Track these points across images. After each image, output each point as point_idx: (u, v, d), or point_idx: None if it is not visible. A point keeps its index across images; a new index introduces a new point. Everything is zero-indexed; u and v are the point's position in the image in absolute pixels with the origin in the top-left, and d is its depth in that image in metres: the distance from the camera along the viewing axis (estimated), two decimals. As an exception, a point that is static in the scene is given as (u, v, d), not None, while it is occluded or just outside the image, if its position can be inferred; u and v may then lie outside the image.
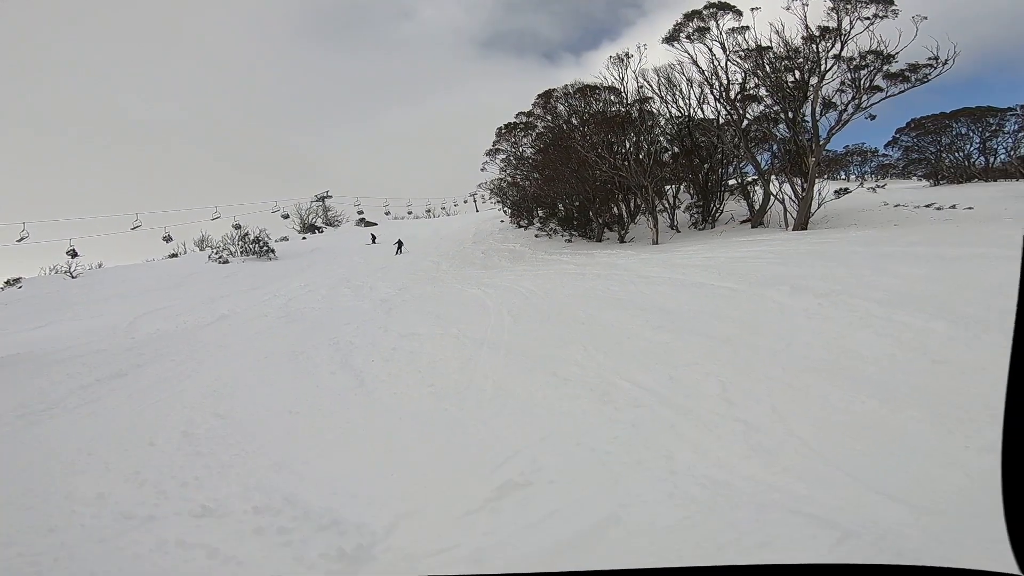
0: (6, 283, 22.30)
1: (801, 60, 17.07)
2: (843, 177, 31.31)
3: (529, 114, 23.69)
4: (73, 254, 24.74)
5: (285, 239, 31.97)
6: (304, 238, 33.65)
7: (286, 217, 32.65)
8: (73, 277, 22.83)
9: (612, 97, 20.81)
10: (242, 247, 25.99)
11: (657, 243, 18.18)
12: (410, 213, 45.97)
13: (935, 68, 15.88)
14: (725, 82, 18.81)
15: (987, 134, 27.85)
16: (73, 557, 3.64)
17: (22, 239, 24.92)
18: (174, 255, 30.56)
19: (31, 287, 21.21)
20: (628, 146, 19.93)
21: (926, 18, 15.49)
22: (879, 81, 16.43)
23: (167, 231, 30.36)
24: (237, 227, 28.98)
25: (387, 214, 43.58)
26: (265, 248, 25.41)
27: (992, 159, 28.06)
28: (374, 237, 30.22)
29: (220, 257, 24.81)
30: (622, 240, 20.25)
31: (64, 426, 6.32)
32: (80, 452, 5.47)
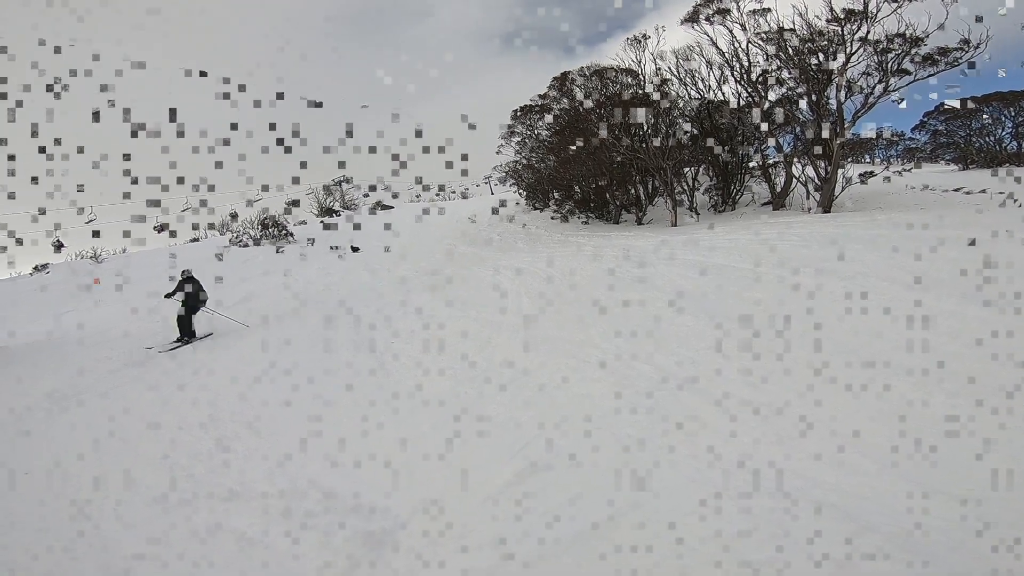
0: (35, 268, 22.84)
1: (825, 43, 16.56)
2: (868, 160, 30.59)
3: (544, 96, 23.36)
4: (160, 229, 25.96)
5: (303, 223, 32.22)
6: (322, 222, 33.87)
7: (260, 208, 33.21)
8: (99, 263, 23.28)
9: (629, 79, 20.45)
10: (261, 231, 26.24)
11: (676, 225, 17.95)
12: (439, 194, 45.48)
13: (966, 52, 15.33)
14: (746, 64, 18.36)
15: (1020, 119, 27.00)
16: (105, 543, 3.75)
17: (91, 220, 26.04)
18: (195, 240, 31.00)
19: (58, 273, 21.68)
20: (646, 127, 19.61)
21: (956, 0, 14.87)
22: (907, 64, 15.92)
23: (233, 208, 31.37)
24: (293, 203, 30.59)
25: (417, 197, 43.16)
26: (284, 232, 25.64)
27: (1025, 143, 27.19)
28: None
29: (240, 241, 25.08)
30: (640, 222, 20.02)
31: (94, 411, 6.48)
32: (111, 436, 5.61)
